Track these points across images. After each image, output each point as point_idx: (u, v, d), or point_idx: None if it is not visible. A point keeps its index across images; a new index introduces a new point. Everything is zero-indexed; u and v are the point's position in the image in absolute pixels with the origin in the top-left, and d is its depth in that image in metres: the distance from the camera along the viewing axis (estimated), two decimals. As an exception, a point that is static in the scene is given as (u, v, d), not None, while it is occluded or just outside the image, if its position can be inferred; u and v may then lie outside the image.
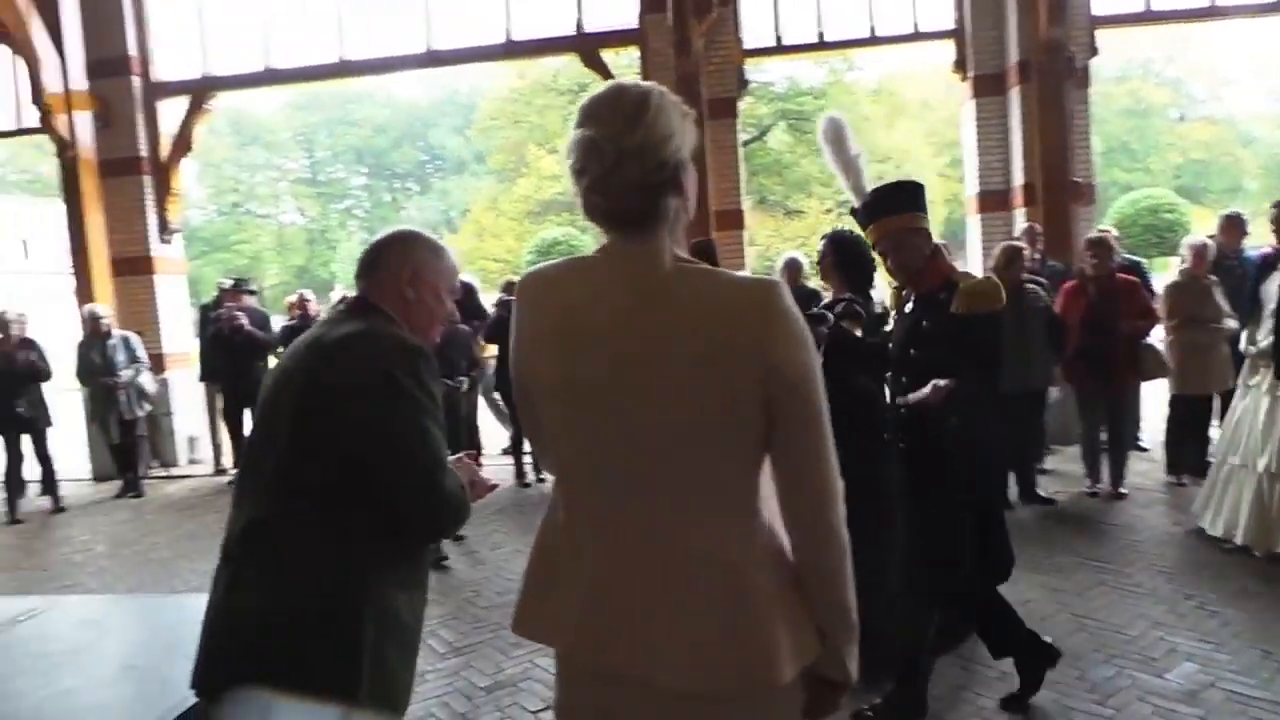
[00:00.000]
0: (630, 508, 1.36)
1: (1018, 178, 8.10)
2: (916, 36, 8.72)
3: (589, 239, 27.99)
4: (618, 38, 8.96)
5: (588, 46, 8.86)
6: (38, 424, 7.59)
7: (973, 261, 8.73)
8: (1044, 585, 4.46)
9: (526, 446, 7.17)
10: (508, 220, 34.90)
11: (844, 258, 3.70)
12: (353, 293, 2.01)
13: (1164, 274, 8.56)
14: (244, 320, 7.98)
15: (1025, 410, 5.86)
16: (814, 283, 6.60)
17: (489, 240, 34.01)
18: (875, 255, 3.28)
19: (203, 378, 8.37)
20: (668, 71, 8.03)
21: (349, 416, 1.68)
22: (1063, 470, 6.64)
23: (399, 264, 1.88)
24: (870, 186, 3.22)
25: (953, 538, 3.06)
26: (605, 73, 8.88)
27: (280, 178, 54.42)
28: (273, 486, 1.74)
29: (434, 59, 9.27)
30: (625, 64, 14.91)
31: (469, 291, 8.14)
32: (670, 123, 1.33)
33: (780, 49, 9.03)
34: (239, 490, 1.87)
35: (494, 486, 2.06)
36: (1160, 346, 5.93)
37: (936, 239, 3.26)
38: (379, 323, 1.81)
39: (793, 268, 6.65)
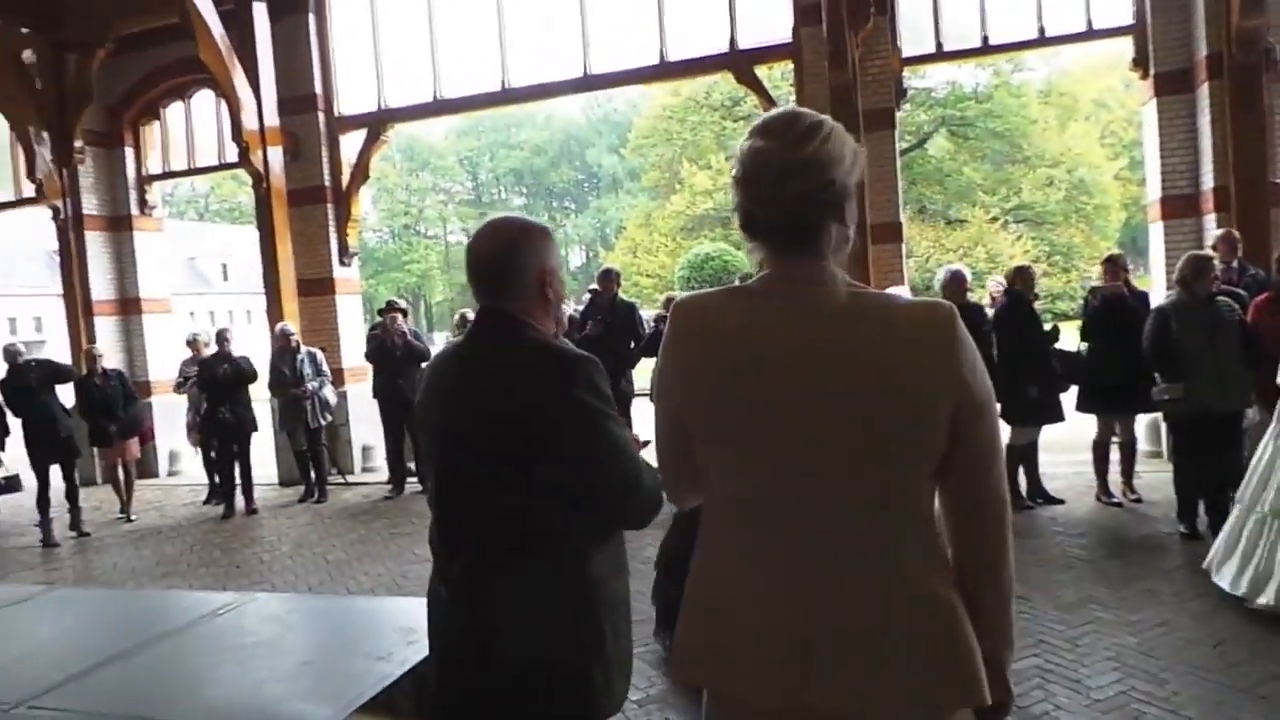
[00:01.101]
0: (819, 542, 1.32)
1: (1207, 181, 7.46)
2: (1090, 35, 8.22)
3: (742, 255, 27.91)
4: (772, 53, 8.94)
5: (742, 63, 8.87)
6: (241, 429, 8.35)
7: (1155, 271, 8.12)
8: (1242, 635, 4.06)
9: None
10: (661, 236, 35.31)
11: None
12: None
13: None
14: (406, 331, 8.58)
15: (1219, 433, 5.39)
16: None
17: (643, 256, 34.52)
18: None
19: (375, 394, 8.90)
20: (821, 85, 7.93)
21: (546, 448, 1.69)
22: (1263, 500, 6.04)
23: (534, 270, 1.81)
24: None
25: None
26: (759, 88, 8.87)
27: (447, 200, 57.43)
28: (484, 520, 1.78)
29: (590, 82, 9.54)
30: (778, 78, 14.86)
31: (631, 311, 8.28)
32: (841, 149, 1.33)
33: (941, 55, 8.74)
34: (448, 524, 1.88)
35: (646, 443, 2.05)
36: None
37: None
38: (535, 339, 1.79)
39: (957, 281, 6.40)
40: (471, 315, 3.45)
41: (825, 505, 1.32)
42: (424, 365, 8.38)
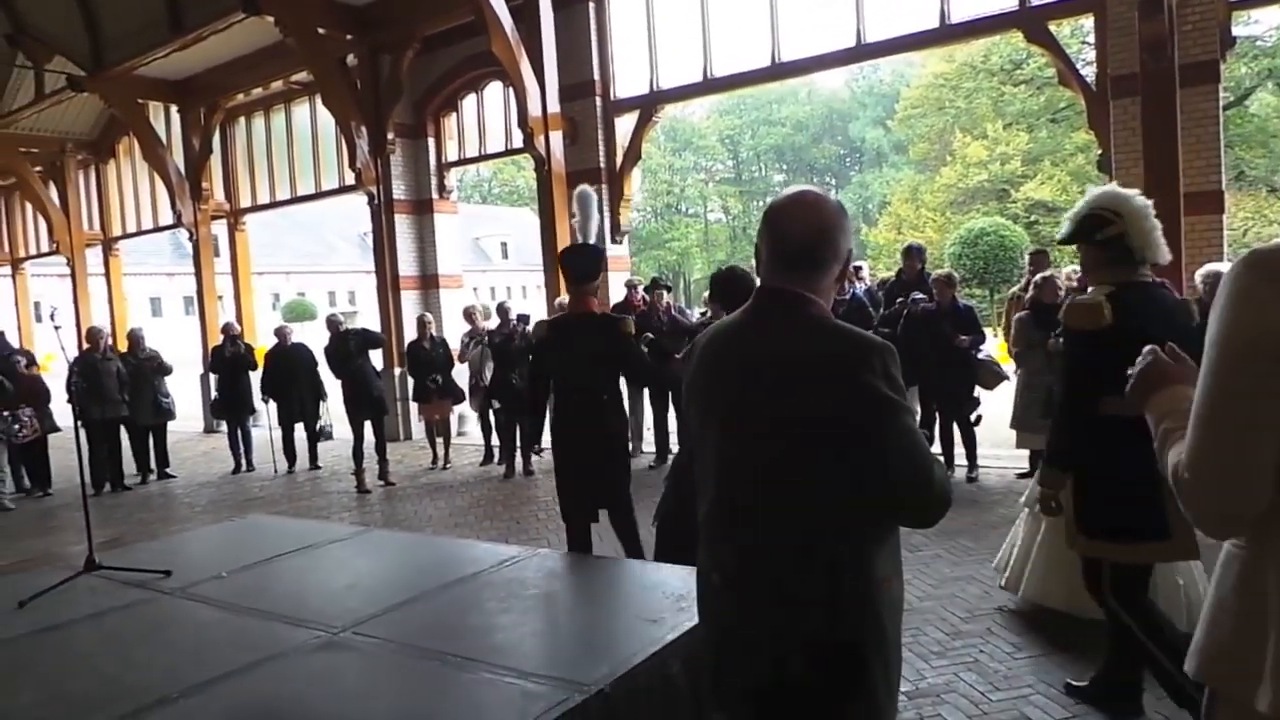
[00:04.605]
0: None
1: None
2: None
3: (1019, 229, 25.92)
4: (1068, 7, 8.12)
5: (1034, 19, 8.13)
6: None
7: None
8: None
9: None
10: (928, 211, 33.73)
11: (724, 290, 3.99)
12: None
13: None
14: (672, 306, 8.95)
15: None
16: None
17: (907, 233, 33.07)
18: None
19: None
20: (1129, 38, 7.10)
21: (836, 440, 1.61)
22: None
23: (838, 256, 1.73)
24: (594, 238, 4.75)
25: None
26: (1053, 47, 8.11)
27: (707, 179, 58.24)
28: (764, 507, 1.71)
29: (864, 51, 9.19)
30: (1066, 35, 13.48)
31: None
32: None
33: (1283, -7, 7.53)
34: (725, 507, 1.80)
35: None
36: None
37: None
38: (827, 321, 1.71)
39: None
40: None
41: None
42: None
